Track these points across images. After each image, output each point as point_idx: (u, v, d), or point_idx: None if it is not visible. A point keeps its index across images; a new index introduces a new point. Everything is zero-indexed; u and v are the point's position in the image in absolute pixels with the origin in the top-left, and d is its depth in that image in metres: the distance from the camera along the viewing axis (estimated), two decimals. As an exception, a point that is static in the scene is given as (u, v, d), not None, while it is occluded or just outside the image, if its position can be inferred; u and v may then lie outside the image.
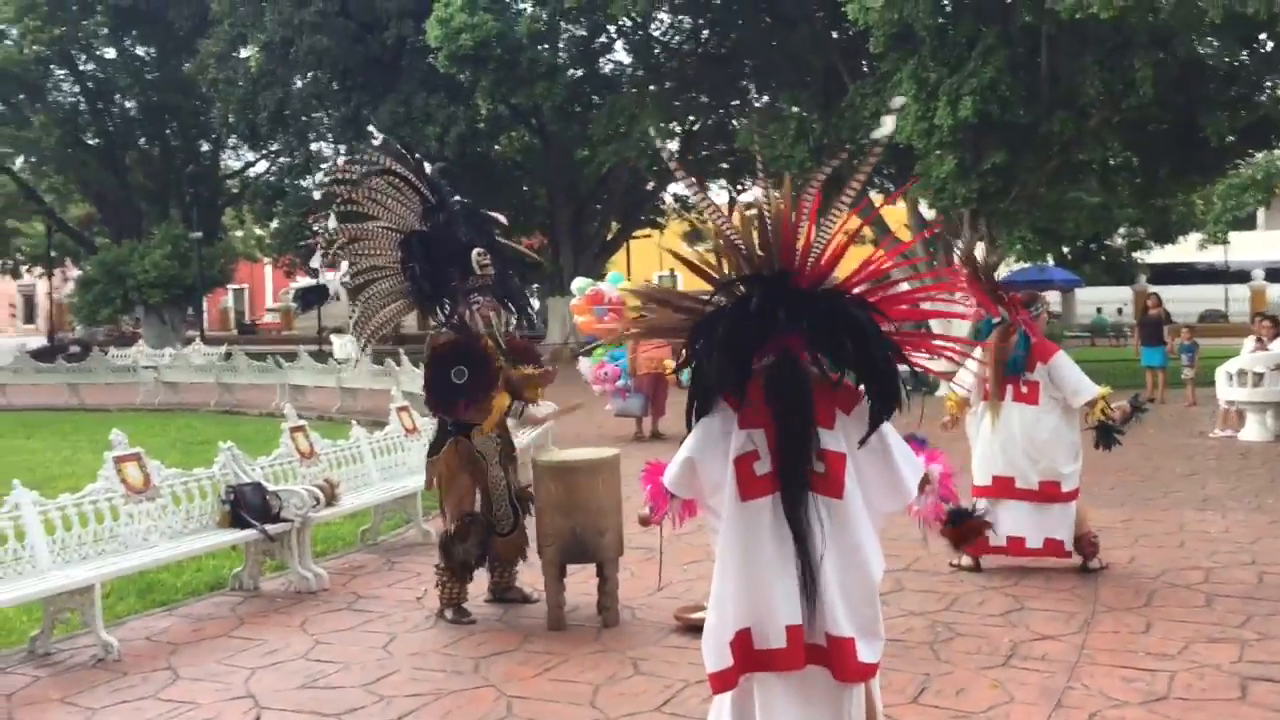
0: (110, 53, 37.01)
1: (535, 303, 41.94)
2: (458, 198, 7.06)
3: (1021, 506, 6.93)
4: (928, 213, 24.11)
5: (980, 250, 23.19)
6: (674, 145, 32.92)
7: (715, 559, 3.63)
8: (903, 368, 3.59)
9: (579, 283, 15.88)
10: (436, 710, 5.00)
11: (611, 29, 30.03)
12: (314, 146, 33.90)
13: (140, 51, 37.69)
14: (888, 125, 3.86)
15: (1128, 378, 18.65)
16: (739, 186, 38.66)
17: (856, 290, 3.62)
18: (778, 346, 3.54)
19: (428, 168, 6.98)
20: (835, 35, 24.03)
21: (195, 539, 6.96)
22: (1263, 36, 19.66)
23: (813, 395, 3.51)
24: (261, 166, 38.79)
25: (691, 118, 31.78)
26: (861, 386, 3.56)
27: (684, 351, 3.68)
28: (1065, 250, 35.89)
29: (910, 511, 3.67)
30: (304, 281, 46.49)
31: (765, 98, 29.17)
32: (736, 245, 3.61)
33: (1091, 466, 8.15)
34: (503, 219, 7.16)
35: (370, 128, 7.18)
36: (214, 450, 7.54)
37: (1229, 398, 13.36)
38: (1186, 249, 36.46)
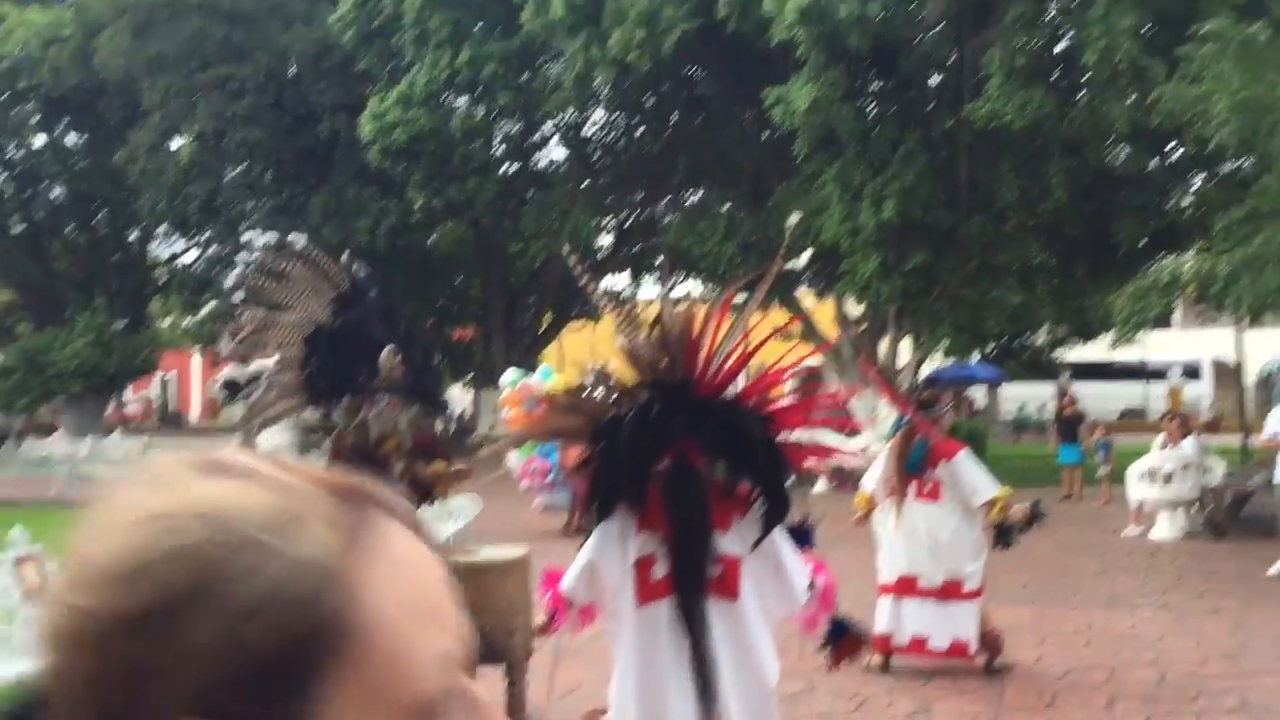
0: (39, 140, 36.75)
1: (466, 396, 41.89)
2: (374, 294, 7.09)
3: (925, 605, 7.01)
4: (853, 310, 24.58)
5: (906, 348, 23.66)
6: (608, 240, 33.37)
7: (615, 663, 3.64)
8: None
9: (509, 375, 15.87)
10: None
11: (547, 125, 30.55)
12: (244, 237, 33.77)
13: (70, 140, 37.46)
14: (803, 259, 4.04)
15: (1047, 474, 19.01)
16: (674, 280, 39.08)
17: (753, 400, 3.72)
18: (676, 452, 3.61)
19: (346, 260, 7.01)
20: (764, 136, 24.64)
21: (94, 641, 6.78)
22: (1171, 145, 20.51)
23: (709, 500, 3.57)
24: (191, 256, 38.51)
25: (625, 213, 32.23)
26: (755, 492, 3.63)
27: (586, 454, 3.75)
28: (989, 347, 36.61)
29: (792, 618, 3.72)
30: (230, 372, 45.91)
31: (700, 193, 29.74)
32: (639, 354, 3.70)
33: (1004, 563, 8.28)
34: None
35: (291, 237, 7.19)
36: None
37: (1140, 496, 13.65)
38: (1105, 347, 37.40)
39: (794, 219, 4.89)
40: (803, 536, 3.94)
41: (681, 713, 3.47)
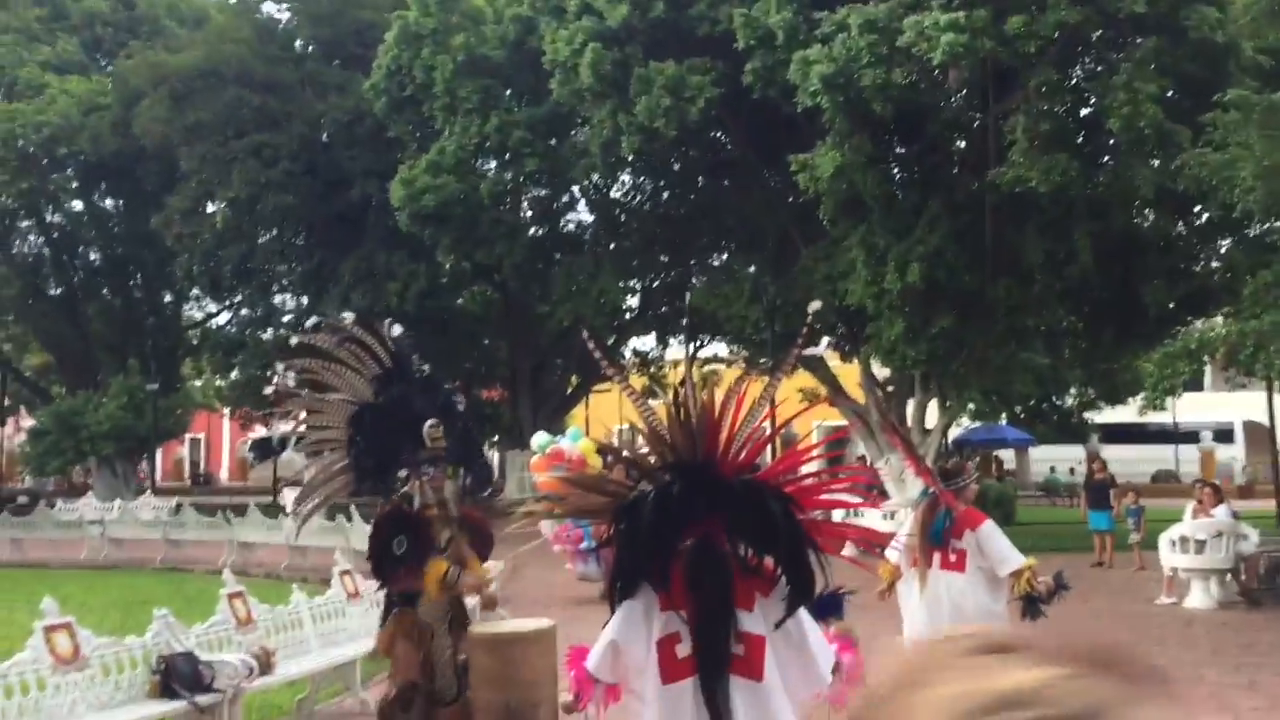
0: (77, 205, 37.44)
1: (494, 460, 42.04)
2: (417, 361, 7.16)
3: None
4: (880, 372, 24.55)
5: (933, 411, 23.50)
6: (634, 302, 33.55)
7: None
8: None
9: (539, 439, 15.84)
10: None
11: (574, 189, 30.89)
12: (276, 299, 34.21)
13: (108, 205, 38.15)
14: (820, 348, 4.12)
15: (1078, 539, 18.83)
16: (697, 344, 39.23)
17: (777, 478, 3.74)
18: (699, 531, 3.63)
19: (396, 329, 7.09)
20: (790, 200, 24.80)
21: (123, 711, 6.81)
22: (1198, 209, 20.49)
23: (733, 579, 3.58)
24: (223, 318, 39.01)
25: (650, 276, 32.43)
26: (779, 571, 3.63)
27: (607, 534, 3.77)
28: (1017, 409, 36.43)
29: (818, 696, 3.69)
30: (260, 432, 46.31)
31: (724, 257, 29.91)
32: (660, 434, 3.73)
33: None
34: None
35: (345, 315, 7.23)
36: (154, 611, 7.47)
37: (1173, 564, 13.47)
38: (1135, 410, 37.22)
39: (815, 305, 4.98)
40: (832, 606, 3.93)
41: None
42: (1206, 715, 7.79)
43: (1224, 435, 39.30)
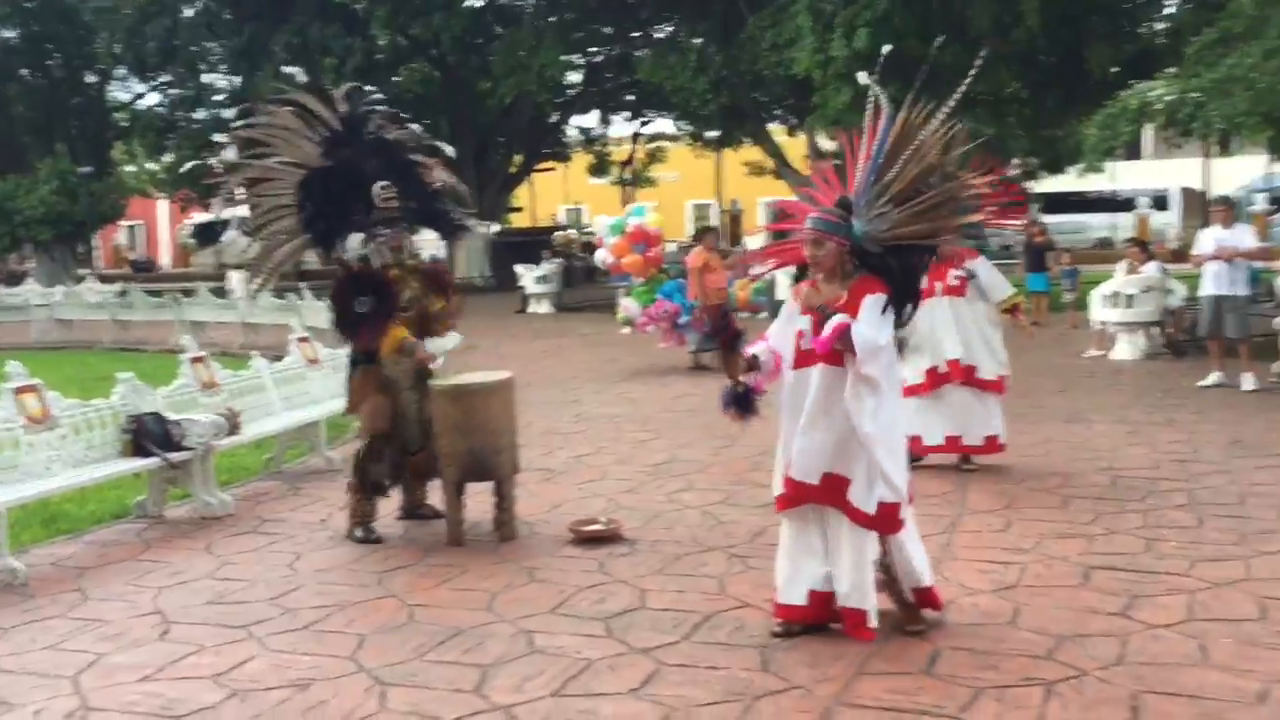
0: (-13, -20, 35.41)
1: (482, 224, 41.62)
2: (377, 121, 6.98)
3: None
4: (827, 144, 24.51)
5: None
6: (577, 77, 32.81)
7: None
8: None
9: (606, 221, 15.69)
10: (341, 619, 5.24)
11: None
12: (205, 79, 33.01)
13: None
14: None
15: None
16: (643, 119, 38.66)
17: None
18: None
19: (341, 90, 6.95)
20: (734, -35, 24.10)
21: (97, 468, 7.05)
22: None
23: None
24: (152, 99, 37.64)
25: (593, 49, 31.65)
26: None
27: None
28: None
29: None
30: (201, 217, 45.48)
31: (669, 28, 29.18)
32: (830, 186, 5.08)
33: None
34: (447, 150, 7.30)
35: (295, 70, 7.08)
36: (112, 386, 7.60)
37: (1102, 319, 14.02)
38: (1075, 177, 37.63)
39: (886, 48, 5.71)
40: None
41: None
42: (1126, 448, 8.34)
43: (1160, 202, 39.88)
